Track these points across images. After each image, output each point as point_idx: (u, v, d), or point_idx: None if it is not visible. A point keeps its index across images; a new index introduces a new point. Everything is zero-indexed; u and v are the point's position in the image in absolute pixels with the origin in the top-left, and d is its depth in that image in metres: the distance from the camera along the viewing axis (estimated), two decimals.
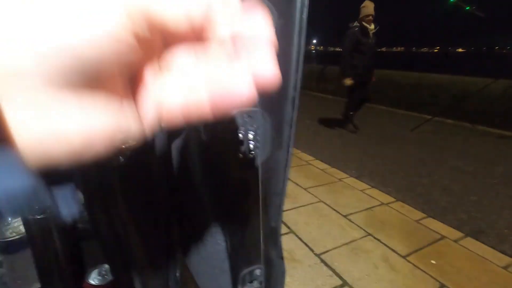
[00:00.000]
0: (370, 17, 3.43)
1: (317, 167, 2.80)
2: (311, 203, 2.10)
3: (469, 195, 2.39)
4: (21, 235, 0.55)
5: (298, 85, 0.46)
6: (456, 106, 5.07)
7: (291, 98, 0.47)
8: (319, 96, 7.86)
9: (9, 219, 0.55)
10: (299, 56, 0.45)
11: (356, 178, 2.61)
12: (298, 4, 0.42)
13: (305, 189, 2.32)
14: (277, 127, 0.48)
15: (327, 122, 4.70)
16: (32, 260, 0.58)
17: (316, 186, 2.38)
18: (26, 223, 0.54)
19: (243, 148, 0.44)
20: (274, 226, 0.55)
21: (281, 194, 0.53)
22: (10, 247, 0.57)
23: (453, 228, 1.88)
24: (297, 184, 2.38)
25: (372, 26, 3.48)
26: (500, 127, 4.56)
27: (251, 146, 0.44)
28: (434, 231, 1.83)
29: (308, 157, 3.06)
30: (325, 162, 2.93)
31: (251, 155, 0.45)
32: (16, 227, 0.57)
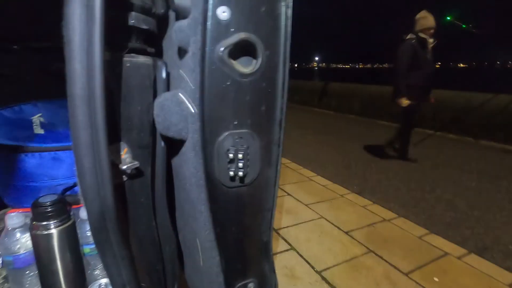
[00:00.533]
0: (432, 30, 3.08)
1: (319, 183, 2.81)
2: (312, 220, 2.10)
3: (472, 210, 2.37)
4: (29, 250, 0.59)
5: (284, 109, 0.51)
6: (458, 121, 5.10)
7: (278, 120, 0.51)
8: (321, 112, 7.94)
9: (18, 234, 0.59)
10: (284, 82, 0.49)
11: (358, 194, 2.61)
12: (282, 38, 0.47)
13: (306, 205, 2.32)
14: (266, 147, 0.52)
15: (329, 138, 4.74)
16: (38, 275, 0.62)
17: (317, 202, 2.38)
18: (34, 239, 0.58)
19: (233, 166, 0.48)
20: (266, 240, 0.58)
21: (271, 209, 0.56)
22: (17, 262, 0.60)
23: (457, 244, 1.86)
24: (299, 200, 2.39)
25: (431, 39, 3.12)
26: (503, 141, 4.55)
27: (241, 164, 0.48)
28: (437, 247, 1.82)
29: (310, 173, 3.07)
30: (327, 178, 2.94)
31: (241, 173, 0.48)
32: (24, 242, 0.60)
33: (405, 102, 3.18)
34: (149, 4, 0.54)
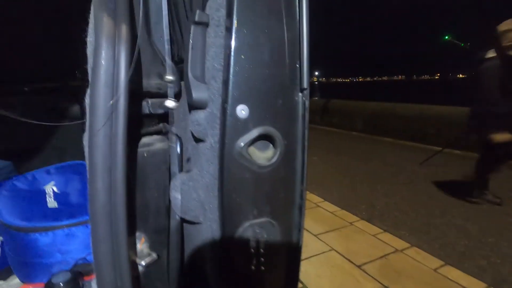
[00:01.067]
0: None
1: (327, 210, 2.76)
2: (322, 252, 2.05)
3: (486, 236, 2.31)
4: None
5: (304, 194, 0.50)
6: (463, 137, 5.06)
7: (298, 205, 0.50)
8: (324, 130, 7.95)
9: None
10: (304, 168, 0.49)
11: (367, 220, 2.56)
12: (300, 127, 0.47)
13: (315, 235, 2.28)
14: (288, 232, 0.50)
15: (334, 158, 4.71)
16: None
17: (326, 232, 2.33)
18: None
19: (254, 259, 0.47)
20: None
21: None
22: None
23: (473, 277, 1.79)
24: (307, 230, 2.35)
25: None
26: (509, 157, 4.49)
27: (262, 259, 0.46)
28: (453, 281, 1.75)
29: (317, 199, 3.03)
30: (335, 204, 2.89)
31: (263, 267, 0.47)
32: None
33: (499, 138, 2.47)
34: (164, 86, 0.55)
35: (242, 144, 0.43)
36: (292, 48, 0.43)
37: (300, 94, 0.45)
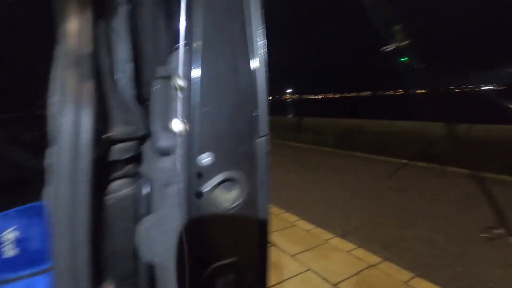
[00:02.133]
0: None
1: (303, 228, 2.80)
2: (299, 273, 2.06)
3: (452, 245, 2.45)
4: None
5: (269, 231, 0.52)
6: (426, 150, 5.43)
7: (263, 244, 0.52)
8: (298, 147, 8.13)
9: None
10: (266, 207, 0.52)
11: (342, 237, 2.62)
12: (263, 169, 0.50)
13: (292, 256, 2.29)
14: (252, 271, 0.52)
15: (309, 175, 4.82)
16: None
17: (302, 251, 2.35)
18: None
19: None
20: None
21: None
22: None
23: (441, 286, 1.88)
24: (284, 251, 2.35)
25: None
26: (467, 167, 4.87)
27: None
28: None
29: (293, 218, 3.06)
30: (310, 222, 2.94)
31: None
32: None
33: None
34: (131, 132, 0.56)
35: (207, 189, 0.46)
36: (251, 99, 0.47)
37: (261, 139, 0.49)
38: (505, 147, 4.66)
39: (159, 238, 0.50)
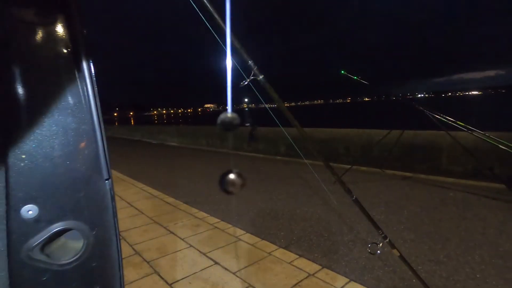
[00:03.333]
0: None
1: (247, 242, 2.78)
2: None
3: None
4: None
5: (123, 282, 0.48)
6: (366, 155, 5.86)
7: None
8: (251, 156, 8.18)
9: None
10: (119, 255, 0.48)
11: (285, 248, 2.65)
12: (110, 214, 0.46)
13: (234, 273, 2.24)
14: None
15: (258, 185, 4.85)
16: None
17: (245, 267, 2.32)
18: None
19: None
20: None
21: None
22: None
23: None
24: (226, 269, 2.30)
25: None
26: (401, 170, 5.36)
27: None
28: None
29: (239, 232, 3.03)
30: (256, 235, 2.93)
31: None
32: None
33: None
34: None
35: (33, 245, 0.40)
36: (89, 141, 0.43)
37: (105, 182, 0.45)
38: (430, 150, 5.22)
39: None
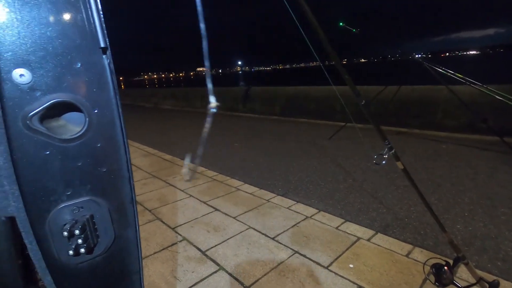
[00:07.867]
0: None
1: (246, 192, 2.84)
2: (240, 232, 2.10)
3: (377, 192, 2.72)
4: None
5: (130, 165, 0.47)
6: (361, 112, 5.85)
7: (127, 178, 0.47)
8: (246, 117, 8.12)
9: None
10: (124, 137, 0.46)
11: (283, 195, 2.73)
12: (111, 93, 0.43)
13: (234, 217, 2.32)
14: (118, 209, 0.47)
15: (254, 143, 4.87)
16: None
17: (245, 212, 2.40)
18: None
19: (74, 242, 0.42)
20: None
21: (139, 272, 0.51)
22: None
23: (366, 227, 2.09)
24: (226, 214, 2.37)
25: None
26: (396, 125, 5.40)
27: (80, 240, 0.42)
28: (351, 234, 2.01)
29: (237, 183, 3.09)
30: (254, 185, 3.00)
31: (83, 249, 0.43)
32: None
33: None
34: None
35: (30, 114, 0.37)
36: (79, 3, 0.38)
37: (103, 56, 0.41)
38: (425, 105, 5.21)
39: None
